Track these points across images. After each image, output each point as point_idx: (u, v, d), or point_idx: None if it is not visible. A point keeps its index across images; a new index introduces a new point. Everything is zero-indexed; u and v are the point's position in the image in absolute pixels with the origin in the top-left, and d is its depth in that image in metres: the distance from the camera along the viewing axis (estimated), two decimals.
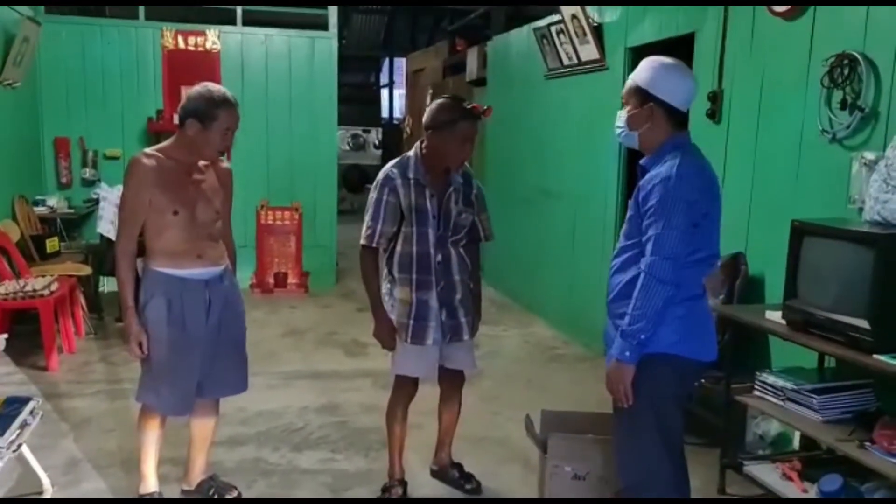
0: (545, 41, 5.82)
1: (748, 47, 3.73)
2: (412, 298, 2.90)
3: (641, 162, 2.32)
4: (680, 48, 4.57)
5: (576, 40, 5.32)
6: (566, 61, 5.63)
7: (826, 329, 2.65)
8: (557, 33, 5.56)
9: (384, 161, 13.53)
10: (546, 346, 5.52)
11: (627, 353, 2.16)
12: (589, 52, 5.23)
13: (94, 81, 6.64)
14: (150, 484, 2.94)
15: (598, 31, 5.10)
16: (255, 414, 4.01)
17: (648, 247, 2.13)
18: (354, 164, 13.40)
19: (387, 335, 2.94)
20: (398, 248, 2.90)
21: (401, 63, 16.29)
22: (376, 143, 14.32)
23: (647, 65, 2.26)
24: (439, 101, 2.89)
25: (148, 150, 2.78)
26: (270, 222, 7.09)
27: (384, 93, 17.12)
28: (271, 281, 7.06)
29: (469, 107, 2.82)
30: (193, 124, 2.68)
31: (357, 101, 15.83)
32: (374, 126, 14.71)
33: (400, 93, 16.24)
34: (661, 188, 2.12)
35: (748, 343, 3.52)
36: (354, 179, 12.94)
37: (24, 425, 2.85)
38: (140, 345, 2.71)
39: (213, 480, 3.11)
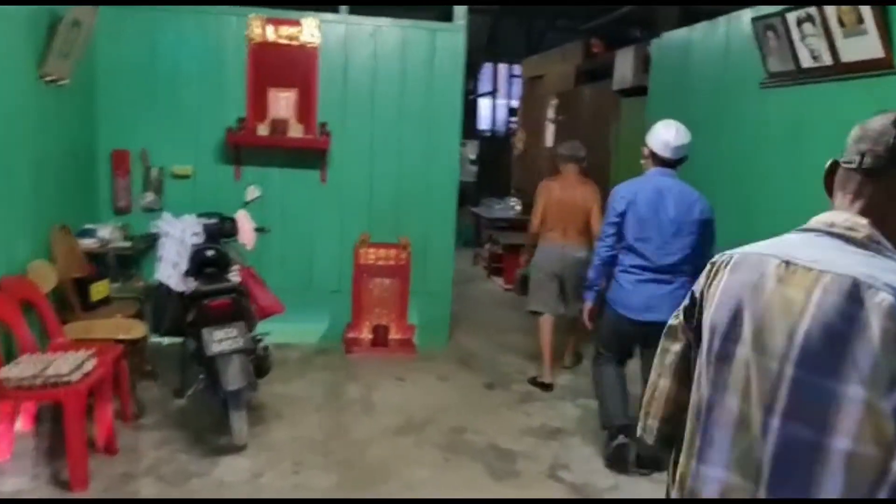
0: (771, 35, 4.15)
1: None
2: None
3: None
4: None
5: (837, 31, 3.64)
6: (807, 63, 3.95)
7: None
8: (799, 23, 3.89)
9: (481, 178, 11.46)
10: None
11: None
12: (862, 47, 3.54)
13: (163, 81, 5.27)
14: None
15: (883, 16, 3.41)
16: None
17: None
18: None
19: None
20: None
21: (504, 69, 14.75)
22: (472, 157, 12.75)
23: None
24: None
25: None
26: (371, 262, 5.60)
27: (483, 102, 15.53)
28: (369, 336, 5.58)
29: None
30: None
31: None
32: (469, 139, 13.12)
33: (500, 102, 14.70)
34: None
35: None
36: None
37: None
38: None
39: None
